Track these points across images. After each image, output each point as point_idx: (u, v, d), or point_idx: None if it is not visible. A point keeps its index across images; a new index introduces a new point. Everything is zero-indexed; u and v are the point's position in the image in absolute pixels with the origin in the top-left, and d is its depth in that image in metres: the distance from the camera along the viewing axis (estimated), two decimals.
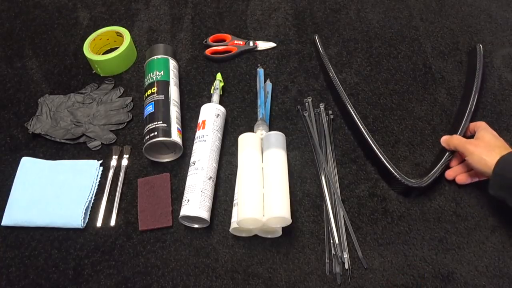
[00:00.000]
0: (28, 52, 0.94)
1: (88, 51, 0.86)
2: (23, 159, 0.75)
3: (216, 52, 0.89)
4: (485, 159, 0.60)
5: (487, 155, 0.61)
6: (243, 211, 0.61)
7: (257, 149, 0.68)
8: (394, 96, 0.81)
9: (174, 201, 0.70)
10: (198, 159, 0.69)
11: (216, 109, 0.75)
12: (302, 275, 0.62)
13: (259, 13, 0.97)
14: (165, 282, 0.63)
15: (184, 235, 0.67)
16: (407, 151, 0.73)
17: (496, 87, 0.81)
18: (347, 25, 0.93)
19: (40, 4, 1.04)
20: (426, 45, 0.88)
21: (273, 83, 0.83)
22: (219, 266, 0.64)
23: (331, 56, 0.87)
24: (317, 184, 0.70)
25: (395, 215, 0.67)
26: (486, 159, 0.60)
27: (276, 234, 0.64)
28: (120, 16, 0.99)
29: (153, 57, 0.82)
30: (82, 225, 0.68)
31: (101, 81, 0.87)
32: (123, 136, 0.79)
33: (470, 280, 0.60)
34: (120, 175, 0.73)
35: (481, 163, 0.61)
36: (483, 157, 0.61)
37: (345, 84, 0.83)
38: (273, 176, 0.64)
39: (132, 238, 0.67)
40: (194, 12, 0.99)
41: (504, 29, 0.90)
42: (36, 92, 0.86)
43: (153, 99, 0.75)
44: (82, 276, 0.64)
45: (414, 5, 0.96)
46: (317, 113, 0.78)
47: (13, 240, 0.68)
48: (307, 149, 0.75)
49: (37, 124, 0.79)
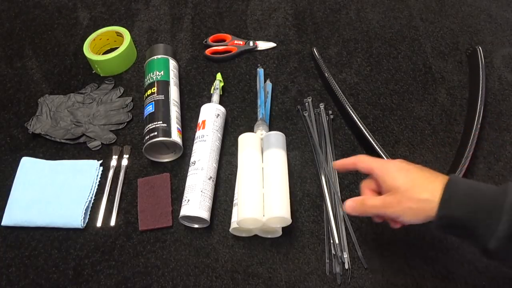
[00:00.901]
0: (28, 52, 0.94)
1: (88, 51, 0.86)
2: (23, 159, 0.75)
3: (216, 52, 0.89)
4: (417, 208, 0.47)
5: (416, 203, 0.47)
6: (243, 211, 0.61)
7: (257, 149, 0.68)
8: (394, 96, 0.81)
9: (174, 201, 0.70)
10: (198, 159, 0.69)
11: (216, 109, 0.75)
12: (302, 275, 0.62)
13: (259, 13, 0.97)
14: (165, 282, 0.63)
15: (184, 235, 0.67)
16: (407, 151, 0.73)
17: (496, 87, 0.81)
18: (347, 25, 0.93)
19: (40, 4, 1.04)
20: (426, 45, 0.88)
21: (273, 83, 0.83)
22: (219, 266, 0.64)
23: (331, 56, 0.87)
24: (317, 184, 0.70)
25: None
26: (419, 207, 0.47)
27: (276, 234, 0.64)
28: (120, 16, 0.99)
29: (153, 57, 0.82)
30: (82, 225, 0.68)
31: (101, 81, 0.87)
32: (123, 136, 0.79)
33: (470, 280, 0.60)
34: (120, 175, 0.73)
35: (417, 215, 0.48)
36: (413, 207, 0.48)
37: (345, 84, 0.83)
38: (273, 176, 0.64)
39: (132, 238, 0.67)
40: (194, 12, 0.99)
41: (504, 29, 0.90)
42: (36, 92, 0.86)
43: (153, 99, 0.75)
44: (82, 276, 0.64)
45: (414, 5, 0.96)
46: (317, 113, 0.78)
47: (13, 240, 0.68)
48: (307, 149, 0.75)
49: (37, 124, 0.79)
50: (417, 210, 0.47)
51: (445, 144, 0.74)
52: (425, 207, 0.46)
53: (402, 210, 0.48)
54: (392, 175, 0.50)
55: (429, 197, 0.46)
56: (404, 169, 0.51)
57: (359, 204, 0.53)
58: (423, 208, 0.47)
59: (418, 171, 0.50)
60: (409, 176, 0.49)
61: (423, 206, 0.47)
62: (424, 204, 0.46)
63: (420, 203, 0.47)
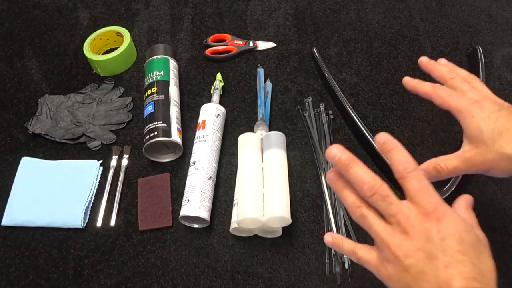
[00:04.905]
0: (28, 52, 0.94)
1: (88, 51, 0.86)
2: (23, 159, 0.75)
3: (216, 52, 0.89)
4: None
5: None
6: (243, 211, 0.61)
7: (257, 149, 0.68)
8: (394, 96, 0.81)
9: (174, 201, 0.70)
10: (198, 159, 0.69)
11: (216, 109, 0.75)
12: (302, 275, 0.62)
13: (259, 13, 0.97)
14: (165, 282, 0.63)
15: (184, 235, 0.67)
16: (407, 151, 0.73)
17: (496, 87, 0.81)
18: (347, 25, 0.93)
19: (40, 4, 1.04)
20: (426, 45, 0.88)
21: (273, 83, 0.83)
22: (219, 266, 0.64)
23: (331, 56, 0.87)
24: (317, 184, 0.70)
25: None
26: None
27: (276, 234, 0.64)
28: (120, 16, 0.99)
29: (153, 57, 0.82)
30: (82, 225, 0.68)
31: (101, 81, 0.87)
32: (123, 136, 0.79)
33: None
34: (120, 175, 0.73)
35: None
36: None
37: (345, 84, 0.83)
38: (273, 176, 0.64)
39: (132, 238, 0.67)
40: (194, 12, 0.99)
41: (504, 29, 0.90)
42: (36, 92, 0.86)
43: (153, 99, 0.75)
44: (82, 276, 0.64)
45: (414, 5, 0.96)
46: (317, 113, 0.78)
47: (13, 240, 0.68)
48: (307, 149, 0.75)
49: (37, 124, 0.79)
50: (507, 167, 0.42)
51: (445, 144, 0.74)
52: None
53: (489, 166, 0.43)
54: (477, 124, 0.44)
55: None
56: (492, 117, 0.43)
57: (432, 169, 0.46)
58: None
59: (510, 119, 0.43)
60: (498, 126, 0.43)
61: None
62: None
63: (511, 159, 0.41)
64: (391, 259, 0.37)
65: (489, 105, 0.45)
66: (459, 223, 0.37)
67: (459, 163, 0.45)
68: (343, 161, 0.41)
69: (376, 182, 0.39)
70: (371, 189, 0.39)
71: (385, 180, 0.40)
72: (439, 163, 0.46)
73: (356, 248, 0.42)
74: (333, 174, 0.43)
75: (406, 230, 0.37)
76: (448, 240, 0.35)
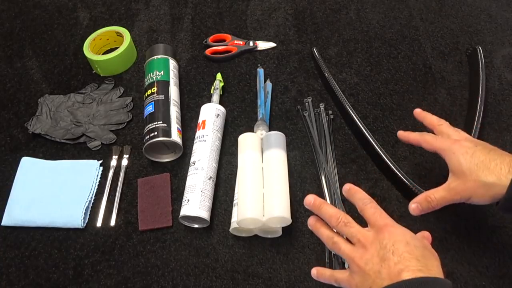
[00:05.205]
0: (28, 52, 0.94)
1: (88, 51, 0.87)
2: (23, 159, 0.75)
3: (216, 52, 0.89)
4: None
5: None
6: (243, 211, 0.61)
7: (257, 149, 0.68)
8: (394, 96, 0.81)
9: (174, 201, 0.70)
10: (198, 159, 0.69)
11: (216, 109, 0.75)
12: (302, 275, 0.62)
13: (259, 13, 0.97)
14: (165, 282, 0.63)
15: (184, 235, 0.67)
16: (407, 151, 0.73)
17: (496, 87, 0.81)
18: (347, 25, 0.93)
19: (40, 4, 1.04)
20: (426, 45, 0.88)
21: (273, 83, 0.83)
22: (219, 266, 0.64)
23: (331, 56, 0.87)
24: (317, 184, 0.70)
25: (395, 215, 0.66)
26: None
27: (276, 234, 0.64)
28: (120, 16, 0.99)
29: (153, 57, 0.82)
30: (82, 225, 0.68)
31: (101, 81, 0.87)
32: (123, 136, 0.79)
33: (470, 280, 0.60)
34: (120, 175, 0.73)
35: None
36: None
37: (345, 84, 0.83)
38: (273, 176, 0.64)
39: (132, 238, 0.67)
40: (194, 12, 0.99)
41: (504, 29, 0.90)
42: (36, 92, 0.86)
43: (153, 99, 0.75)
44: (82, 276, 0.64)
45: (414, 5, 0.96)
46: (317, 113, 0.78)
47: (13, 240, 0.68)
48: (307, 149, 0.75)
49: (37, 124, 0.79)
50: (484, 193, 0.49)
51: None
52: (491, 190, 0.48)
53: (470, 194, 0.50)
54: (457, 159, 0.52)
55: (495, 181, 0.48)
56: (469, 152, 0.52)
57: (423, 201, 0.53)
58: (489, 191, 0.49)
59: (484, 153, 0.51)
60: (474, 159, 0.51)
61: (489, 190, 0.49)
62: (490, 187, 0.48)
63: (486, 186, 0.49)
64: (356, 270, 0.47)
65: (467, 143, 0.54)
66: (406, 233, 0.47)
67: (445, 193, 0.53)
68: (316, 204, 0.53)
69: (340, 214, 0.51)
70: (336, 219, 0.50)
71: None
72: (429, 195, 0.54)
73: (334, 273, 0.52)
74: (313, 219, 0.54)
75: (364, 245, 0.47)
76: (396, 244, 0.45)
